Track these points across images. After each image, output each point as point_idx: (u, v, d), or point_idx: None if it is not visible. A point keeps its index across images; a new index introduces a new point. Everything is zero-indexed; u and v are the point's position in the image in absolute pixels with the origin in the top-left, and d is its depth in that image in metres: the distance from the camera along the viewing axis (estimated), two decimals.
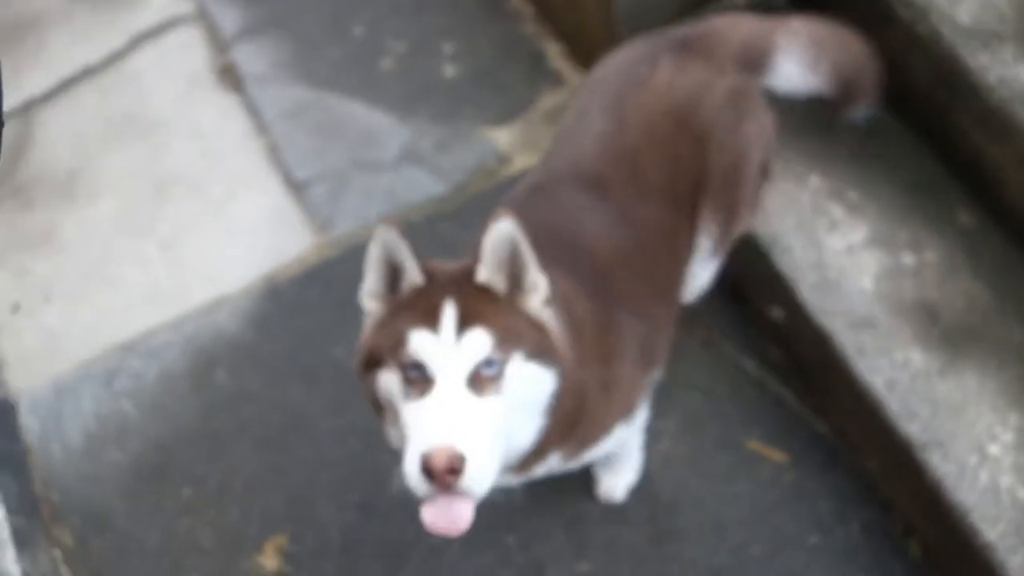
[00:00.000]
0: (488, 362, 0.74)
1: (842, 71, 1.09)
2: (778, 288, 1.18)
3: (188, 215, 1.61)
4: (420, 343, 0.74)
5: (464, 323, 0.74)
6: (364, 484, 1.25)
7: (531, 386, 0.77)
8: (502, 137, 1.64)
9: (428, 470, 0.69)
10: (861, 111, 1.15)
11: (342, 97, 1.73)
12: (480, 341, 0.74)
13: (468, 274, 0.79)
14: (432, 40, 1.77)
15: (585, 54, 1.54)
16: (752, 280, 1.25)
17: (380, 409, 0.80)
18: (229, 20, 1.83)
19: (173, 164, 1.68)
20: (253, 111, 1.72)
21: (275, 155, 1.67)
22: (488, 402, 0.73)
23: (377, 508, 1.23)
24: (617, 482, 1.14)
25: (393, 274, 0.81)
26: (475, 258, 0.79)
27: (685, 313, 1.17)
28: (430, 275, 0.79)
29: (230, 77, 1.78)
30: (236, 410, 1.35)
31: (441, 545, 1.16)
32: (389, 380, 0.76)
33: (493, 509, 0.83)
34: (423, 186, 1.58)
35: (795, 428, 1.21)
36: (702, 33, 1.04)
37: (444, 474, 0.69)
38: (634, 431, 1.07)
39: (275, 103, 1.73)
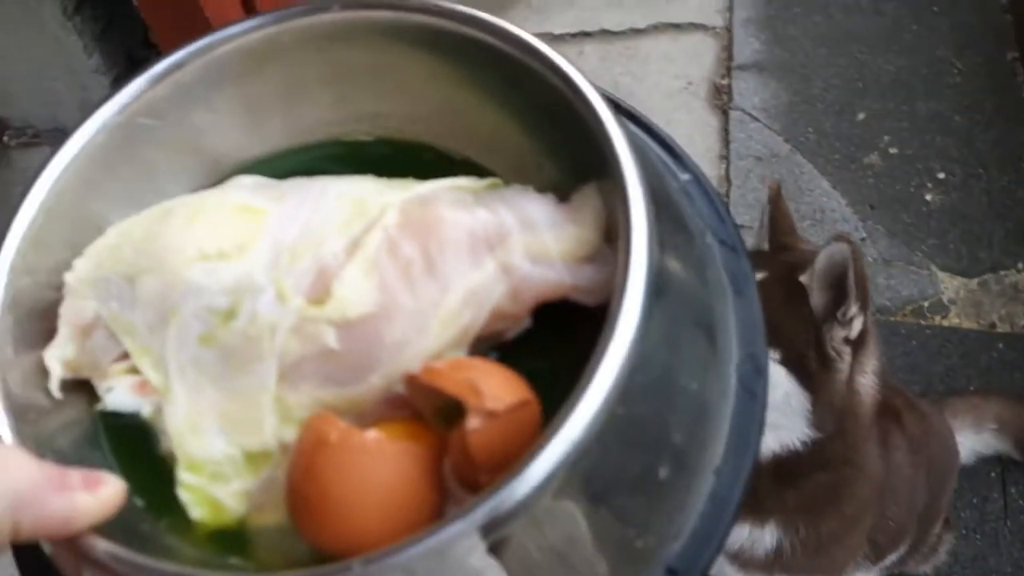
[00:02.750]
0: None
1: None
2: None
3: None
4: None
5: None
6: None
7: (778, 392, 0.79)
8: (950, 286, 1.61)
9: None
10: None
11: (814, 169, 1.77)
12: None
13: (791, 268, 0.82)
14: (928, 159, 1.76)
15: None
16: None
17: None
18: (748, 49, 1.93)
19: None
20: (724, 137, 1.81)
21: (724, 185, 1.74)
22: None
23: None
24: None
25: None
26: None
27: None
28: (756, 251, 0.82)
29: (720, 97, 1.88)
30: None
31: None
32: None
33: None
34: None
35: None
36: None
37: None
38: None
39: (748, 140, 1.80)
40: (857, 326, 0.83)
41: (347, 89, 0.57)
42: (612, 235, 0.49)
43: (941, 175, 1.74)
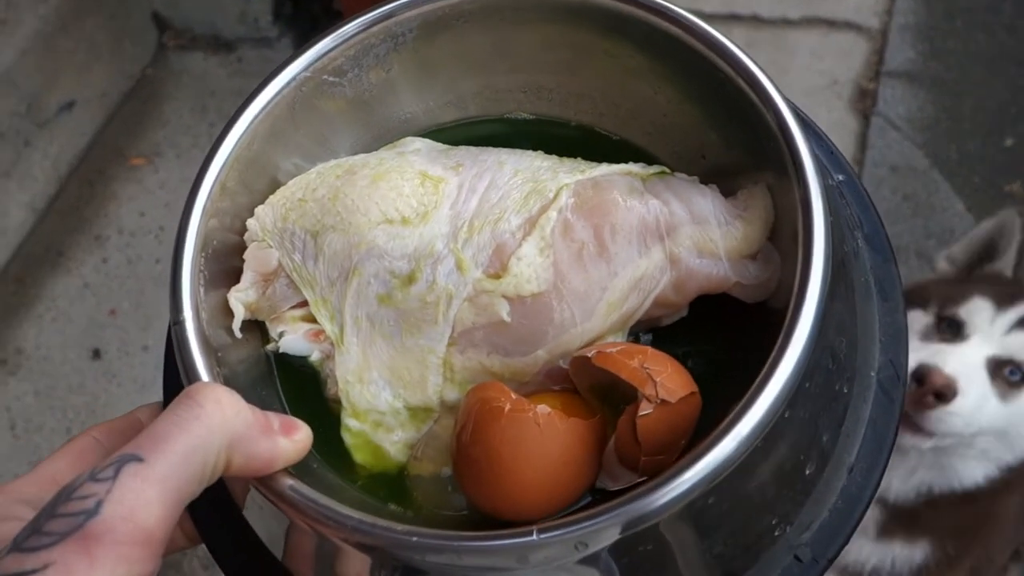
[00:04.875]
0: (1016, 369, 0.77)
1: None
2: None
3: None
4: (979, 306, 0.79)
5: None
6: None
7: (1020, 429, 0.80)
8: None
9: (919, 378, 0.73)
10: None
11: (951, 188, 1.73)
12: None
13: None
14: None
15: None
16: None
17: None
18: (901, 56, 1.89)
19: None
20: (862, 142, 1.78)
21: None
22: (994, 394, 0.76)
23: None
24: None
25: (982, 256, 0.85)
26: None
27: None
28: (1018, 280, 0.83)
29: (863, 101, 1.85)
30: None
31: None
32: (915, 319, 0.81)
33: None
34: None
35: None
36: None
37: (930, 390, 0.73)
38: None
39: (887, 149, 1.77)
40: None
41: (518, 62, 0.59)
42: (774, 234, 0.51)
43: None
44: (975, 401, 0.75)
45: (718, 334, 0.52)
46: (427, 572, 0.44)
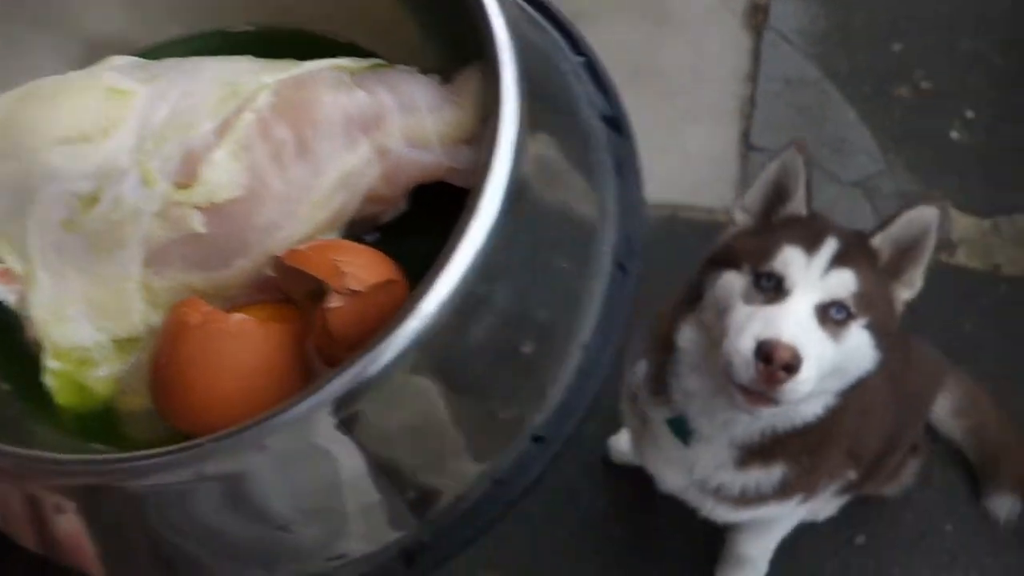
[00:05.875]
0: (841, 306, 0.77)
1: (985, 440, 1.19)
2: None
3: (643, 106, 1.69)
4: (791, 257, 0.79)
5: (837, 261, 0.78)
6: None
7: (860, 354, 0.80)
8: (961, 224, 1.56)
9: (765, 357, 0.73)
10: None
11: (842, 97, 1.72)
12: (846, 283, 0.77)
13: (859, 233, 0.82)
14: (959, 97, 1.70)
15: None
16: None
17: (690, 304, 0.85)
18: None
19: (659, 56, 1.75)
20: (756, 58, 1.76)
21: (748, 107, 1.70)
22: (827, 338, 0.77)
23: None
24: None
25: (776, 198, 0.85)
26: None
27: None
28: (814, 214, 0.82)
29: (755, 18, 1.83)
30: None
31: None
32: (734, 281, 0.81)
33: None
34: (858, 220, 1.55)
35: None
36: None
37: (779, 367, 0.73)
38: (772, 539, 1.12)
39: (780, 63, 1.75)
40: (917, 288, 0.83)
41: None
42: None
43: (970, 114, 1.69)
44: (817, 360, 0.76)
45: (447, 226, 0.49)
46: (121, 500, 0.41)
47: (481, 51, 0.46)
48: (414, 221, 0.50)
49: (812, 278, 0.81)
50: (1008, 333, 1.37)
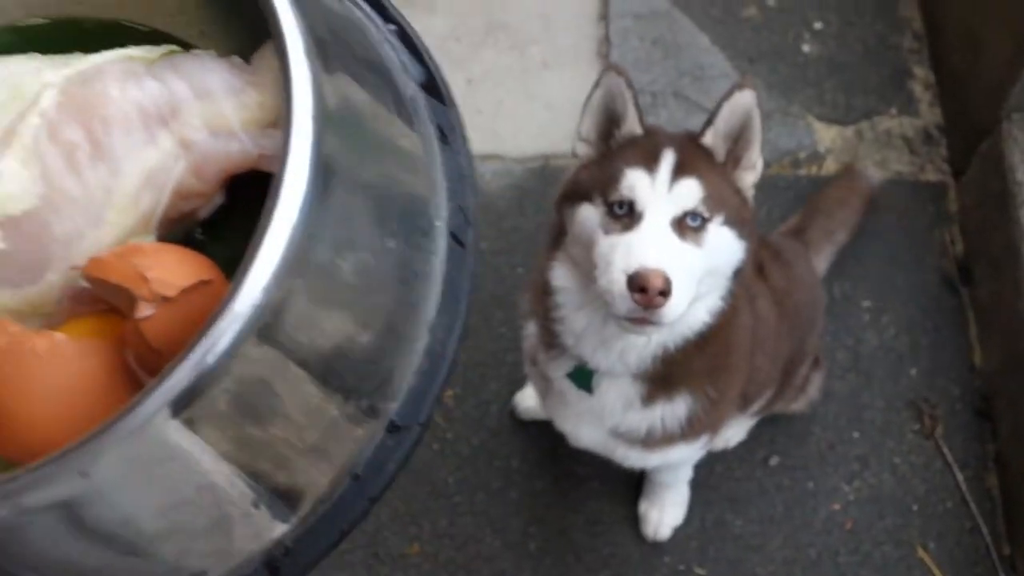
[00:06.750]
0: (694, 214, 0.79)
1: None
2: None
3: (502, 65, 1.69)
4: (634, 181, 0.82)
5: (679, 172, 0.80)
6: None
7: (725, 250, 0.83)
8: (826, 135, 1.62)
9: (640, 288, 0.75)
10: None
11: (693, 24, 1.75)
12: (692, 191, 0.80)
13: (691, 136, 0.84)
14: (805, 10, 1.74)
15: (952, 99, 1.48)
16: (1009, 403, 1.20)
17: (556, 243, 0.86)
18: None
19: (509, 12, 1.75)
20: None
21: (604, 47, 1.71)
22: (689, 247, 0.79)
23: None
24: (662, 518, 1.23)
25: (609, 123, 0.86)
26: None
27: (922, 396, 1.26)
28: (649, 130, 0.84)
29: None
30: None
31: None
32: (589, 214, 0.82)
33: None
34: None
35: (976, 563, 1.17)
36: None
37: (654, 294, 0.74)
38: (687, 466, 1.16)
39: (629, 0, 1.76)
40: (760, 168, 0.84)
41: None
42: None
43: (818, 25, 1.74)
44: (687, 272, 0.76)
45: None
46: None
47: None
48: (242, 213, 0.49)
49: (660, 195, 0.82)
50: (882, 232, 1.43)
